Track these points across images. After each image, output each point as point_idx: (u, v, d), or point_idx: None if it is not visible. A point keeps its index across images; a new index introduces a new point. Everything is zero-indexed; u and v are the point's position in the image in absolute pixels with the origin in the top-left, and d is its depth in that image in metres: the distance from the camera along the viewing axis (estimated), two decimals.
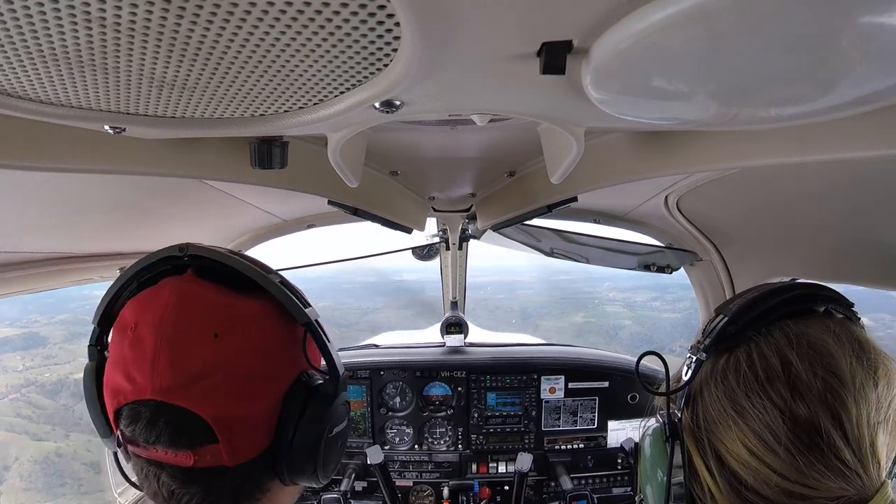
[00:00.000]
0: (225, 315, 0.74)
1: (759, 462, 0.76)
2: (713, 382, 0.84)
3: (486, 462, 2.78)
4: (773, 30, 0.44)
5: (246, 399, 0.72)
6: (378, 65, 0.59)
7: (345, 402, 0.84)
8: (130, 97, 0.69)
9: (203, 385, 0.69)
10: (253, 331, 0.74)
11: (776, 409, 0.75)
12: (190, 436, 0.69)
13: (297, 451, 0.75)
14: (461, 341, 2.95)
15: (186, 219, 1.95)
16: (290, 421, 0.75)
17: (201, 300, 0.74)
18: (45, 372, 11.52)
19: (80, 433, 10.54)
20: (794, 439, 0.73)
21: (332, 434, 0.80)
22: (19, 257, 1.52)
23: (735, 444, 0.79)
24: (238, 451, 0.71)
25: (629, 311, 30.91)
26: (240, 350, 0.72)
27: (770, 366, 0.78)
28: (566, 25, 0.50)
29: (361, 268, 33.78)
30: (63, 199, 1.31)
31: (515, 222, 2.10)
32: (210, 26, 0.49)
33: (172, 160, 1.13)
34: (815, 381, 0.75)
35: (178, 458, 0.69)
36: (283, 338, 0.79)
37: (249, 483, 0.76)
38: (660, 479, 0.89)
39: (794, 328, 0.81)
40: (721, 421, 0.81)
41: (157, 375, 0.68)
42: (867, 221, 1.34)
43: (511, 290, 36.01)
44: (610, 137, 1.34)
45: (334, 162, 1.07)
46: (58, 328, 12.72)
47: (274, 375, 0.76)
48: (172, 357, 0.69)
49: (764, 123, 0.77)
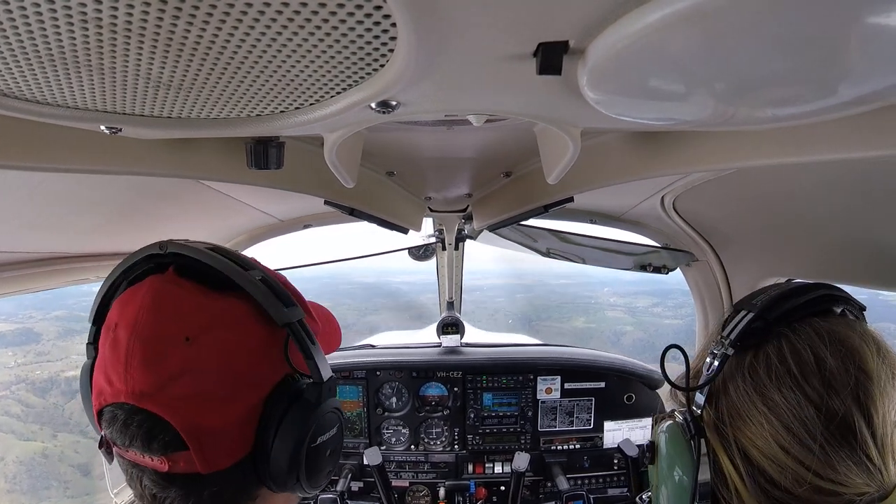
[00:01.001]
0: (199, 317, 0.71)
1: (791, 459, 0.76)
2: (739, 377, 0.84)
3: (483, 462, 2.78)
4: (770, 30, 0.44)
5: (219, 405, 0.69)
6: (374, 65, 0.59)
7: (334, 410, 0.79)
8: (126, 97, 0.69)
9: (173, 391, 0.67)
10: (228, 333, 0.72)
11: (811, 405, 0.75)
12: (162, 442, 0.67)
13: (276, 461, 0.72)
14: (457, 341, 2.94)
15: (183, 219, 1.94)
16: (269, 428, 0.72)
17: (175, 301, 0.72)
18: (36, 369, 11.31)
19: (68, 433, 10.31)
20: (829, 435, 0.74)
21: (317, 443, 0.75)
22: (15, 257, 1.52)
23: (766, 441, 0.78)
24: (211, 460, 0.68)
25: (631, 317, 30.86)
26: (213, 354, 0.70)
27: (803, 361, 0.78)
28: (562, 26, 0.50)
29: (359, 269, 33.77)
30: (59, 199, 1.31)
31: (512, 222, 2.10)
32: (206, 26, 0.49)
33: (168, 160, 1.12)
34: (847, 378, 0.76)
35: (154, 462, 0.68)
36: (264, 339, 0.75)
37: (232, 489, 0.73)
38: (677, 478, 0.87)
39: (824, 325, 0.82)
40: (749, 416, 0.81)
41: (129, 379, 0.67)
42: (863, 222, 1.34)
43: (511, 294, 35.97)
44: (606, 138, 1.34)
45: (330, 162, 1.07)
46: (53, 324, 12.53)
47: (251, 380, 0.73)
48: (144, 360, 0.67)
49: (760, 124, 0.77)
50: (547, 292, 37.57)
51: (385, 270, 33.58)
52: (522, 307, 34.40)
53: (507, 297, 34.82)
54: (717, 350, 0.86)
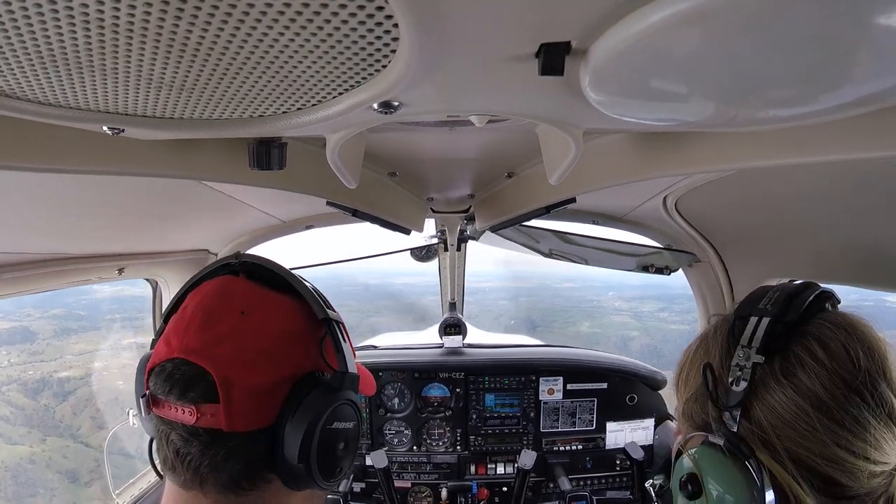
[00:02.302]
0: (255, 299, 0.84)
1: (850, 454, 0.75)
2: (773, 382, 0.81)
3: (485, 463, 2.78)
4: (771, 31, 0.44)
5: (253, 370, 0.78)
6: (377, 66, 0.60)
7: (351, 402, 0.86)
8: (129, 98, 0.69)
9: (220, 349, 0.77)
10: (275, 315, 0.83)
11: (854, 393, 0.76)
12: (196, 391, 0.76)
13: (290, 436, 0.78)
14: (459, 342, 2.94)
15: (185, 220, 1.95)
16: (290, 406, 0.79)
17: (240, 288, 0.85)
18: (29, 369, 11.10)
19: (57, 437, 9.83)
20: (877, 418, 0.75)
21: (332, 426, 0.82)
22: (18, 258, 1.52)
23: (821, 443, 0.76)
24: (234, 416, 0.75)
25: (637, 322, 30.53)
26: (259, 327, 0.81)
27: (835, 354, 0.78)
28: (565, 26, 0.50)
29: (362, 270, 33.68)
30: (62, 200, 1.31)
31: (514, 223, 2.10)
32: (208, 27, 0.49)
33: (171, 161, 1.13)
34: (874, 363, 0.77)
35: (184, 413, 0.75)
36: (303, 329, 0.85)
37: (244, 457, 0.78)
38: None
39: (835, 319, 0.83)
40: (797, 422, 0.78)
41: (186, 338, 0.78)
42: (865, 223, 1.34)
43: (514, 297, 35.76)
44: (608, 138, 1.34)
45: (333, 163, 1.07)
46: (49, 322, 12.36)
47: (285, 358, 0.82)
48: (203, 325, 0.79)
49: (762, 125, 0.77)
50: (551, 295, 37.31)
51: (388, 272, 33.57)
52: (527, 310, 34.20)
53: (511, 300, 34.63)
54: (744, 361, 0.83)
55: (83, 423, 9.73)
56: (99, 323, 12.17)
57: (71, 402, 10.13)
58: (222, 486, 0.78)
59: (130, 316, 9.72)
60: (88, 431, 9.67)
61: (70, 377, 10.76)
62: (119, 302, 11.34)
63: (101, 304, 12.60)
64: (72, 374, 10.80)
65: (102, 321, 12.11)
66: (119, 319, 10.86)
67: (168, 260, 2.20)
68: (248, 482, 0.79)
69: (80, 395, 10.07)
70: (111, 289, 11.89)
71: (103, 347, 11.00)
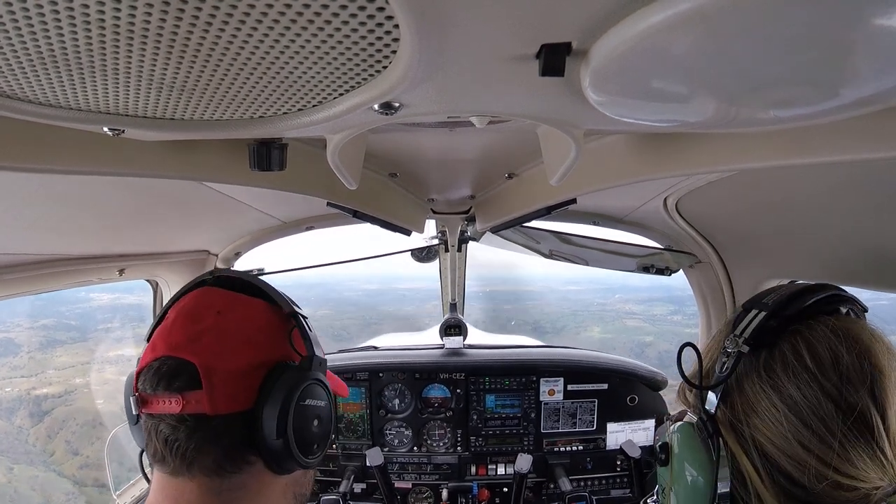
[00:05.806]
0: (230, 302, 0.94)
1: (811, 456, 0.76)
2: (755, 375, 0.84)
3: (486, 464, 2.78)
4: (771, 32, 0.44)
5: (232, 356, 0.87)
6: (377, 66, 0.60)
7: (320, 382, 0.96)
8: (129, 99, 0.70)
9: (201, 343, 0.86)
10: (248, 312, 0.94)
11: (829, 400, 0.76)
12: (181, 380, 0.83)
13: (268, 413, 0.86)
14: (460, 343, 2.94)
15: (185, 221, 1.95)
16: (266, 386, 0.88)
17: (216, 294, 0.95)
18: (6, 385, 10.11)
19: (27, 465, 9.11)
20: (847, 430, 0.75)
21: (305, 403, 0.91)
22: (19, 259, 1.52)
23: (785, 439, 0.79)
24: (217, 400, 0.83)
25: (651, 326, 30.09)
26: (235, 322, 0.90)
27: (821, 357, 0.79)
28: (565, 27, 0.50)
29: (363, 276, 33.42)
30: (62, 201, 1.31)
31: (514, 224, 2.10)
32: (209, 28, 0.49)
33: (171, 162, 1.13)
34: (863, 374, 0.77)
35: (171, 404, 0.83)
36: (273, 323, 0.95)
37: (227, 439, 0.85)
38: (692, 479, 0.87)
39: (837, 323, 0.83)
40: (766, 414, 0.81)
41: (171, 338, 0.87)
42: (866, 223, 1.34)
43: (518, 301, 35.45)
44: (609, 139, 1.34)
45: (333, 164, 1.07)
46: (37, 333, 11.78)
47: (259, 345, 0.91)
48: (184, 325, 0.88)
49: (763, 125, 0.77)
50: (558, 299, 37.01)
51: (389, 277, 33.40)
52: (533, 315, 33.85)
53: (515, 303, 34.38)
54: (731, 348, 0.86)
55: (57, 448, 9.26)
56: (88, 334, 11.90)
57: (45, 425, 9.67)
58: (208, 469, 0.84)
59: (123, 324, 9.21)
60: (62, 458, 9.14)
61: (50, 394, 10.28)
62: (114, 311, 10.99)
63: (95, 312, 12.29)
64: (52, 392, 10.36)
65: (94, 332, 11.76)
66: (114, 328, 10.51)
67: (169, 261, 2.20)
68: (232, 464, 0.86)
69: (56, 415, 9.65)
70: (109, 296, 11.48)
71: (88, 360, 10.69)
